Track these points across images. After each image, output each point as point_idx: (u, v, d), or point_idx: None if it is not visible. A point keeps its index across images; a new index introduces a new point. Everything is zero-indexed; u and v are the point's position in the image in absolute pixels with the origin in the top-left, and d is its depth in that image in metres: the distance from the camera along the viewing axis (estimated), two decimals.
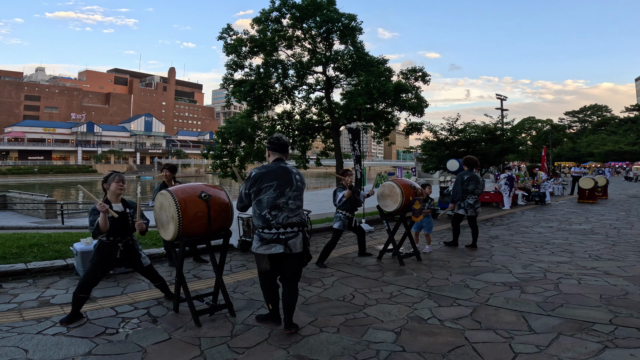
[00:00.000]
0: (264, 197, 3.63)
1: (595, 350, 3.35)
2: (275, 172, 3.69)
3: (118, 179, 4.19)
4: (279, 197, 3.65)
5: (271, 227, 3.65)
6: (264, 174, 3.66)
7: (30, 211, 19.15)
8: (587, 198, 16.20)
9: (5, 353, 3.32)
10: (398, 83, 12.88)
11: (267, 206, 3.63)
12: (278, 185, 3.65)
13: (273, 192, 3.63)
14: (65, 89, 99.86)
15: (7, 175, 66.70)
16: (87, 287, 4.04)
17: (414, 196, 6.38)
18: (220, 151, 14.12)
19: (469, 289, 5.06)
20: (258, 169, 3.73)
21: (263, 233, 3.68)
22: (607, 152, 59.17)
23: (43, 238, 7.24)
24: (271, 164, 3.77)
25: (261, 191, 3.64)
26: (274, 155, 3.83)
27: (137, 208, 4.18)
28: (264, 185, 3.63)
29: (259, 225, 3.70)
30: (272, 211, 3.64)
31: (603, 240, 8.20)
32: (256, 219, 3.72)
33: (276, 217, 3.65)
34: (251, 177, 3.69)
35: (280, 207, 3.66)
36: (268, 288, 3.82)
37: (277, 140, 3.82)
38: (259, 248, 3.70)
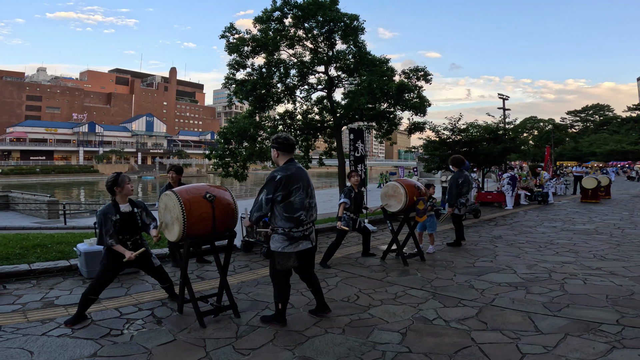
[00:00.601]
0: (295, 198, 3.67)
1: (603, 351, 3.33)
2: (298, 174, 3.73)
3: (128, 180, 4.24)
4: (306, 197, 3.74)
5: (300, 225, 3.74)
6: (290, 177, 3.66)
7: (33, 211, 19.18)
8: (590, 198, 16.15)
9: (11, 355, 3.31)
10: (400, 82, 12.84)
11: (300, 207, 3.70)
12: (303, 186, 3.72)
13: (302, 193, 3.70)
14: (67, 89, 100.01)
15: (10, 175, 66.84)
16: (98, 288, 4.06)
17: (418, 196, 6.36)
18: (222, 151, 14.10)
19: (474, 290, 5.04)
20: (282, 171, 3.67)
21: (292, 232, 3.72)
22: (609, 152, 59.07)
23: (46, 238, 7.24)
24: (290, 166, 3.75)
25: (291, 193, 3.66)
26: (285, 156, 3.81)
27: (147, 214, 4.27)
28: (294, 187, 3.66)
29: (286, 226, 3.71)
30: (305, 212, 3.73)
31: (607, 240, 8.16)
32: (284, 221, 3.71)
33: (308, 216, 3.78)
34: (276, 181, 3.63)
35: (309, 206, 3.78)
36: (284, 287, 3.86)
37: (286, 140, 3.80)
38: (287, 247, 3.73)
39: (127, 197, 4.23)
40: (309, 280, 4.07)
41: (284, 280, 3.86)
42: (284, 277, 3.86)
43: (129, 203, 4.24)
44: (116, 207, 4.13)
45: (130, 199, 4.29)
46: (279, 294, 3.87)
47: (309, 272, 4.05)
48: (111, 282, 4.22)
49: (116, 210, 4.12)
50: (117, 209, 4.13)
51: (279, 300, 3.88)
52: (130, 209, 4.21)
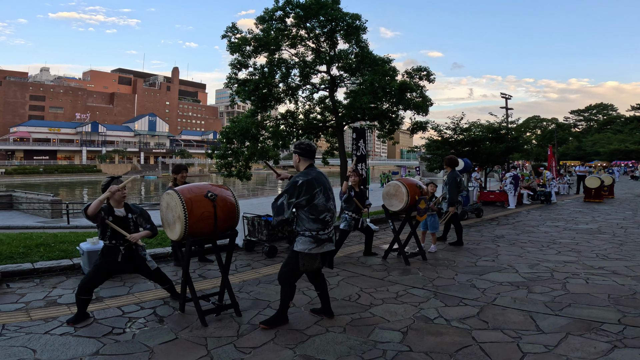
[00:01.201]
0: (318, 201, 3.79)
1: (605, 350, 3.33)
2: (319, 178, 3.84)
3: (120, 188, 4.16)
4: (327, 200, 3.84)
5: (326, 227, 3.85)
6: (311, 181, 3.77)
7: (36, 211, 19.26)
8: (594, 197, 16.09)
9: (14, 353, 3.33)
10: (403, 82, 12.83)
11: (323, 209, 3.80)
12: (324, 189, 3.84)
13: (323, 196, 3.81)
14: (70, 89, 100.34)
15: (13, 175, 67.16)
16: (87, 288, 4.02)
17: (420, 195, 6.36)
18: (224, 151, 14.13)
19: (475, 289, 5.04)
20: (303, 176, 3.78)
21: (319, 235, 3.82)
22: (612, 151, 58.80)
23: (49, 238, 7.27)
24: (311, 171, 3.87)
25: (314, 197, 3.77)
26: (306, 161, 3.93)
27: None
28: (315, 190, 3.77)
29: (314, 228, 3.80)
30: (328, 213, 3.84)
31: (610, 240, 8.14)
32: (311, 223, 3.79)
33: (332, 218, 3.89)
34: (298, 185, 3.72)
35: (331, 209, 3.89)
36: (293, 287, 3.95)
37: (308, 146, 3.94)
38: (313, 249, 3.81)
39: (121, 202, 4.19)
40: (318, 283, 4.10)
41: (295, 280, 3.94)
42: (294, 280, 3.93)
43: (124, 208, 4.20)
44: (110, 209, 4.11)
45: (127, 204, 4.25)
46: (289, 293, 3.92)
47: (319, 275, 4.08)
48: (101, 283, 4.18)
49: (109, 212, 4.09)
50: (111, 211, 4.11)
51: (289, 298, 3.94)
52: (124, 214, 4.16)
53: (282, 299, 3.94)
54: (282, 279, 3.94)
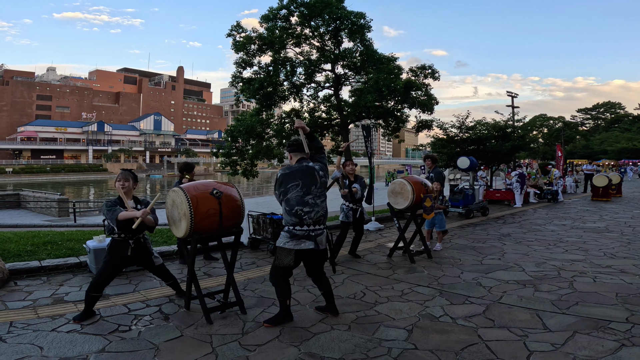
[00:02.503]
0: (292, 195, 3.79)
1: (612, 349, 3.29)
2: (299, 172, 3.83)
3: (119, 178, 4.20)
4: (305, 194, 3.79)
5: (303, 223, 3.80)
6: (288, 175, 3.82)
7: (43, 209, 19.43)
8: (601, 196, 15.95)
9: (21, 350, 3.36)
10: (408, 80, 12.79)
11: (296, 203, 3.78)
12: (303, 184, 3.80)
13: (300, 191, 3.78)
14: (76, 89, 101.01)
15: (21, 174, 67.74)
16: (100, 285, 4.06)
17: (425, 193, 6.33)
18: (229, 149, 14.16)
19: (481, 287, 5.01)
20: (282, 170, 3.88)
21: (295, 230, 3.79)
22: (620, 150, 58.24)
23: (56, 236, 7.33)
24: (295, 165, 3.90)
25: (288, 191, 3.79)
26: (295, 156, 3.96)
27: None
28: (290, 184, 3.79)
29: (290, 222, 3.80)
30: (303, 207, 3.78)
31: (618, 239, 8.06)
32: (287, 216, 3.82)
33: (308, 213, 3.80)
34: (277, 179, 3.86)
35: (309, 203, 3.81)
36: (283, 283, 3.90)
37: (294, 141, 3.98)
38: (287, 243, 3.79)
39: (130, 194, 4.22)
40: (320, 284, 4.08)
41: (283, 277, 3.90)
42: (284, 273, 3.89)
43: (133, 200, 4.25)
44: (120, 202, 4.16)
45: (135, 197, 4.30)
46: (281, 290, 3.90)
47: (318, 274, 4.06)
48: (112, 279, 4.20)
49: (121, 205, 4.14)
50: (121, 204, 4.15)
51: (283, 297, 3.91)
52: (134, 206, 4.21)
53: (278, 299, 3.95)
54: (271, 279, 3.96)
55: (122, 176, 4.21)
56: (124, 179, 4.19)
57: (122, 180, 4.18)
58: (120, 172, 4.25)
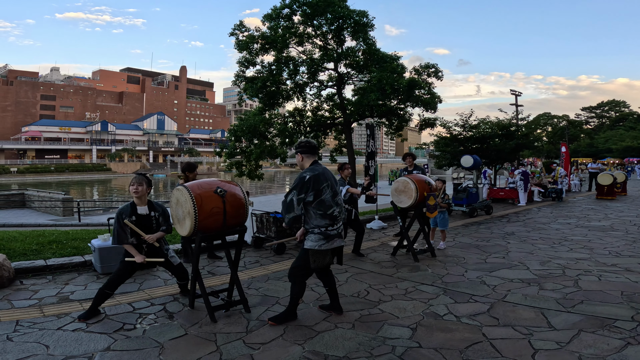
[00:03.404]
0: (326, 196, 3.78)
1: (618, 347, 3.28)
2: (325, 173, 3.85)
3: (133, 182, 4.22)
4: (335, 195, 3.84)
5: (334, 223, 3.82)
6: (318, 176, 3.78)
7: (48, 209, 19.53)
8: (606, 194, 15.87)
9: (27, 349, 3.38)
10: (411, 79, 12.74)
11: (331, 204, 3.79)
12: (331, 184, 3.83)
13: (330, 191, 3.80)
14: (80, 89, 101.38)
15: (25, 174, 68.10)
16: (115, 284, 4.12)
17: (429, 192, 6.31)
18: (233, 149, 14.17)
19: (485, 286, 5.00)
20: (310, 171, 3.79)
21: (328, 231, 3.80)
22: (625, 148, 57.87)
23: (61, 235, 7.37)
24: (316, 166, 3.88)
25: (321, 192, 3.77)
26: (309, 158, 3.95)
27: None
28: (322, 186, 3.77)
29: (322, 225, 3.78)
30: (337, 208, 3.82)
31: (623, 237, 8.02)
32: (319, 219, 3.78)
33: (340, 213, 3.87)
34: (306, 181, 3.73)
35: (339, 204, 3.88)
36: (302, 283, 3.93)
37: (308, 143, 3.99)
38: (323, 245, 3.80)
39: (140, 199, 4.23)
40: (327, 280, 4.08)
41: (304, 280, 3.93)
42: (305, 277, 3.92)
43: (147, 206, 4.25)
44: (133, 209, 4.18)
45: (150, 202, 4.32)
46: (300, 290, 3.92)
47: (328, 272, 4.07)
48: (129, 278, 4.28)
49: (132, 212, 4.16)
50: (133, 210, 4.17)
51: (299, 296, 3.93)
52: (147, 212, 4.22)
53: (291, 296, 3.93)
54: (292, 277, 3.93)
55: (135, 180, 4.22)
56: (138, 184, 4.20)
57: (135, 185, 4.19)
58: (135, 177, 4.26)
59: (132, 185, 4.20)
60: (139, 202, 4.22)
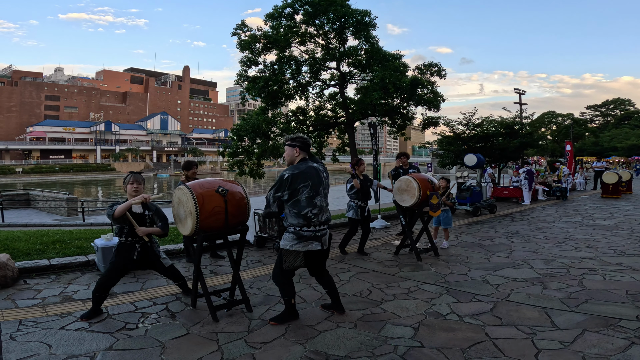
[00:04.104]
0: (301, 196, 3.68)
1: (622, 347, 3.25)
2: (308, 172, 3.73)
3: (132, 180, 4.19)
4: (315, 196, 3.72)
5: (311, 224, 3.72)
6: (297, 175, 3.68)
7: (52, 209, 19.63)
8: (611, 193, 15.77)
9: (30, 348, 3.39)
10: (414, 78, 12.71)
11: (306, 205, 3.69)
12: (312, 185, 3.71)
13: (310, 192, 3.69)
14: (84, 89, 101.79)
15: (30, 174, 68.47)
16: (106, 286, 4.07)
17: (432, 191, 6.29)
18: (235, 148, 14.19)
19: (488, 285, 4.97)
20: (290, 170, 3.73)
21: (302, 231, 3.72)
22: (630, 146, 57.45)
23: (65, 235, 7.40)
24: (300, 165, 3.78)
25: (298, 192, 3.68)
26: (300, 154, 3.86)
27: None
28: (300, 185, 3.67)
29: (297, 224, 3.72)
30: (312, 209, 3.71)
31: (628, 236, 7.96)
32: (293, 218, 3.73)
33: (317, 215, 3.74)
34: (284, 179, 3.68)
35: (318, 205, 3.74)
36: (288, 284, 3.88)
37: (305, 139, 3.87)
38: (294, 245, 3.73)
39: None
40: (324, 282, 4.05)
41: (288, 277, 3.87)
42: (289, 274, 3.87)
43: (141, 205, 4.22)
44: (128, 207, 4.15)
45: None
46: (287, 290, 3.88)
47: (322, 274, 4.03)
48: (118, 280, 4.22)
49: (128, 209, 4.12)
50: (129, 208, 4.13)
51: (288, 296, 3.89)
52: (142, 211, 4.19)
53: (283, 298, 3.92)
54: (275, 279, 3.91)
55: (134, 179, 4.19)
56: (137, 182, 4.19)
57: (135, 184, 4.18)
58: (132, 175, 4.22)
59: (130, 184, 4.18)
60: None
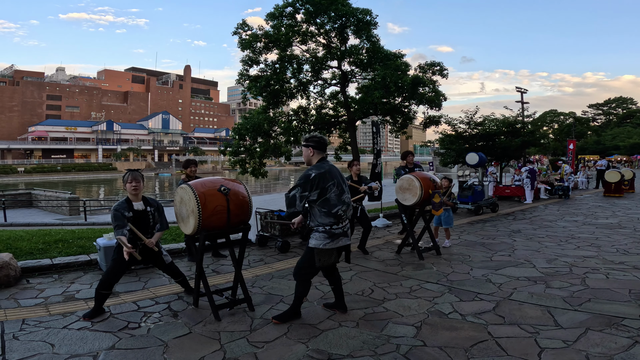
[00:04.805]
0: (331, 195, 3.73)
1: (625, 346, 3.24)
2: (332, 171, 3.80)
3: (131, 179, 4.17)
4: (341, 193, 3.78)
5: (340, 222, 3.78)
6: (324, 174, 3.73)
7: (55, 208, 19.69)
8: (614, 192, 15.73)
9: (33, 347, 3.39)
10: (415, 76, 12.70)
11: (336, 203, 3.74)
12: (337, 183, 3.77)
13: (336, 190, 3.75)
14: (85, 89, 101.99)
15: (32, 173, 68.66)
16: (108, 283, 4.09)
17: (434, 189, 6.28)
18: (237, 147, 14.20)
19: (491, 284, 4.96)
20: (316, 169, 3.75)
21: (333, 229, 3.76)
22: (633, 145, 57.28)
23: (67, 234, 7.41)
24: (323, 164, 3.83)
25: (327, 190, 3.72)
26: (319, 154, 3.89)
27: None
28: (328, 184, 3.72)
29: (327, 223, 3.75)
30: (342, 207, 3.76)
31: (631, 235, 7.93)
32: (324, 217, 3.74)
33: (346, 211, 3.81)
34: (311, 179, 3.69)
35: (346, 202, 3.81)
36: (308, 281, 3.91)
37: (321, 139, 3.90)
38: (328, 244, 3.76)
39: (137, 195, 4.20)
40: (333, 278, 4.06)
41: (309, 279, 3.90)
42: (310, 276, 3.90)
43: (142, 202, 4.23)
44: (129, 205, 4.15)
45: (145, 197, 4.29)
46: (304, 289, 3.90)
47: (333, 270, 4.05)
48: (121, 277, 4.23)
49: (129, 207, 4.13)
50: (130, 206, 4.14)
51: (303, 295, 3.91)
52: (144, 208, 4.19)
53: (296, 295, 3.92)
54: (297, 275, 3.91)
55: (132, 177, 4.18)
56: (136, 181, 4.17)
57: (133, 182, 4.16)
58: (130, 173, 4.20)
59: (129, 182, 4.15)
60: (134, 198, 4.19)
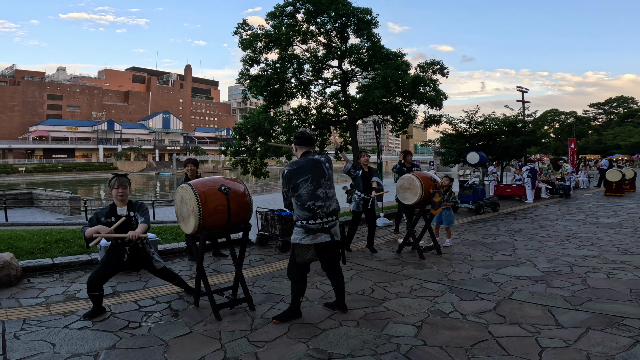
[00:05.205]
0: (302, 191, 3.74)
1: (627, 345, 3.23)
2: (307, 166, 3.79)
3: (117, 185, 4.06)
4: (317, 188, 3.76)
5: (316, 217, 3.75)
6: (295, 170, 3.76)
7: (56, 208, 19.72)
8: (615, 191, 15.71)
9: (34, 347, 3.39)
10: (416, 76, 12.69)
11: (308, 198, 3.74)
12: (313, 177, 3.76)
13: (310, 185, 3.74)
14: (86, 88, 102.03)
15: (33, 173, 68.75)
16: (95, 284, 3.98)
17: (434, 189, 6.27)
18: (237, 147, 14.21)
19: (491, 283, 4.95)
20: (289, 166, 3.82)
21: (309, 224, 3.75)
22: (634, 144, 57.20)
23: (68, 233, 7.41)
24: (300, 159, 3.85)
25: (298, 187, 3.74)
26: (301, 149, 3.92)
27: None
28: (299, 180, 3.74)
29: (303, 217, 3.76)
30: (316, 202, 3.74)
31: (632, 234, 7.92)
32: (299, 210, 3.77)
33: (322, 207, 3.77)
34: (284, 176, 3.79)
35: (321, 197, 3.78)
36: (301, 280, 3.89)
37: (301, 134, 3.93)
38: (304, 239, 3.76)
39: (122, 201, 4.11)
40: (334, 277, 4.04)
41: (302, 273, 3.88)
42: (303, 270, 3.88)
43: (126, 207, 4.13)
44: (113, 210, 4.08)
45: (130, 201, 4.20)
46: (298, 287, 3.88)
47: (333, 267, 4.03)
48: (109, 279, 4.14)
49: (112, 213, 4.06)
50: (113, 211, 4.07)
51: (299, 293, 3.90)
52: (127, 213, 4.09)
53: (292, 294, 3.92)
54: (289, 274, 3.93)
55: (119, 183, 4.05)
56: (122, 187, 4.06)
57: (120, 188, 4.05)
58: (117, 179, 4.08)
59: (115, 188, 4.04)
60: (119, 203, 4.11)
